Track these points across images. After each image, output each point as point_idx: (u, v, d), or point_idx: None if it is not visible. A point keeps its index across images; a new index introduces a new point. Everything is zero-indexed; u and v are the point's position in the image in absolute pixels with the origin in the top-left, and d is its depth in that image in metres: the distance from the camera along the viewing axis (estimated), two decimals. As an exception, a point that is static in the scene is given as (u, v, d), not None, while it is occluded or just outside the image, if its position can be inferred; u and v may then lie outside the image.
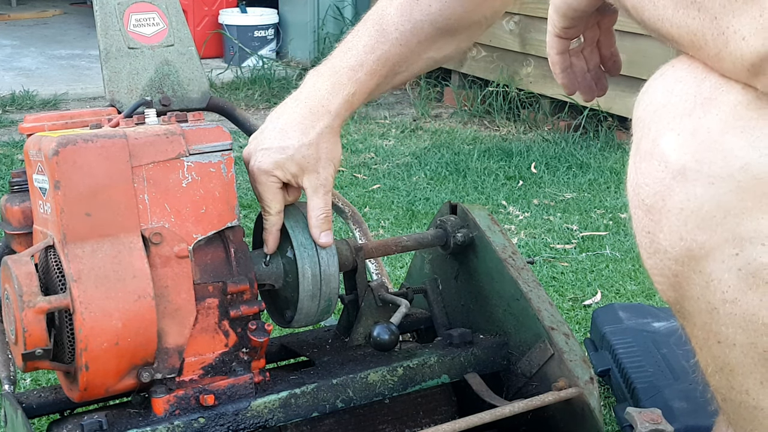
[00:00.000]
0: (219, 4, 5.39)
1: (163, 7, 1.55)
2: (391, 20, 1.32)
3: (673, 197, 0.88)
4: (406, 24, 1.31)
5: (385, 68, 1.31)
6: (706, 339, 0.94)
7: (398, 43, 1.31)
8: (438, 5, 1.32)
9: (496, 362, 1.35)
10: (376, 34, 1.31)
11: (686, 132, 0.87)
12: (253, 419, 1.18)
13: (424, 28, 1.32)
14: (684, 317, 0.96)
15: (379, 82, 1.32)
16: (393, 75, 1.33)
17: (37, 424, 1.49)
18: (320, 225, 1.24)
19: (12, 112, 4.18)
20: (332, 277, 1.25)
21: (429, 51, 1.35)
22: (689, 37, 0.87)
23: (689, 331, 0.97)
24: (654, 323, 1.75)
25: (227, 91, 4.60)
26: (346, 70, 1.29)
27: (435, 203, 2.86)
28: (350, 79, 1.29)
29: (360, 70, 1.29)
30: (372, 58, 1.30)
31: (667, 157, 0.88)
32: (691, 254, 0.89)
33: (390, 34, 1.31)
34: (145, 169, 1.12)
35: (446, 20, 1.33)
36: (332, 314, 1.31)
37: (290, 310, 1.27)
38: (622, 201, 2.93)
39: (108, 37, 1.50)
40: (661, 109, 0.90)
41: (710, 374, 0.98)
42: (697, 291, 0.91)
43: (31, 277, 1.07)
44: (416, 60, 1.35)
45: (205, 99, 1.58)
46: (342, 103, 1.27)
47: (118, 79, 1.50)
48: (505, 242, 1.37)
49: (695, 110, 0.87)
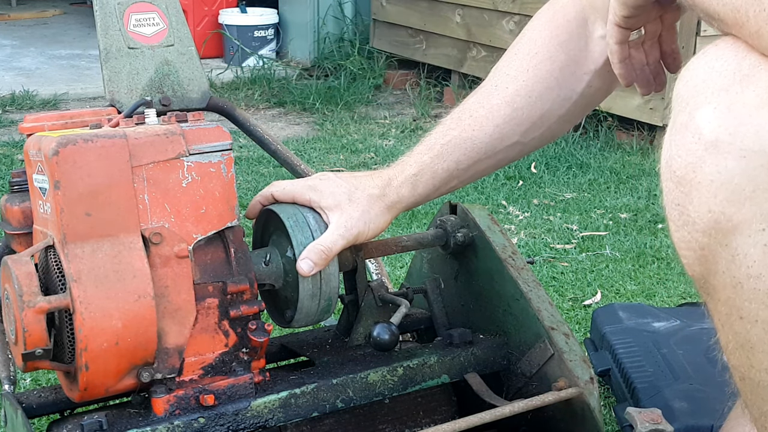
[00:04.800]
0: (219, 4, 5.38)
1: (163, 7, 1.55)
2: (467, 107, 1.33)
3: (704, 169, 0.89)
4: (480, 110, 1.31)
5: (456, 153, 1.29)
6: (728, 315, 0.95)
7: (470, 128, 1.30)
8: (515, 86, 1.30)
9: (496, 362, 1.35)
10: (449, 122, 1.32)
11: (722, 106, 0.89)
12: (253, 419, 1.18)
13: (502, 111, 1.30)
14: (708, 293, 0.97)
15: (450, 167, 1.30)
16: (470, 161, 1.30)
17: (37, 424, 1.49)
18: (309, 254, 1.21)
19: (12, 112, 4.18)
20: (332, 277, 1.25)
21: (512, 137, 1.31)
22: (733, 15, 0.89)
23: (712, 308, 0.98)
24: (654, 323, 1.75)
25: (227, 91, 4.60)
26: (414, 153, 1.31)
27: (435, 203, 2.85)
28: (416, 162, 1.30)
29: (426, 154, 1.30)
30: (440, 142, 1.30)
31: (702, 129, 0.89)
32: (719, 227, 0.90)
33: (463, 120, 1.31)
34: (145, 169, 1.12)
35: (526, 101, 1.30)
36: (332, 314, 1.31)
37: (290, 310, 1.27)
38: (622, 201, 2.93)
39: (108, 37, 1.50)
40: (701, 84, 0.91)
41: (730, 351, 0.98)
42: (723, 265, 0.92)
43: (31, 277, 1.07)
44: (497, 145, 1.31)
45: (205, 99, 1.58)
46: (403, 182, 1.28)
47: (118, 79, 1.50)
48: (505, 242, 1.37)
49: (733, 86, 0.89)
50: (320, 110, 4.26)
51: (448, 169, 1.30)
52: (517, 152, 1.34)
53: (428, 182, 1.30)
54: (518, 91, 1.30)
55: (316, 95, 4.38)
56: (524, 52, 1.32)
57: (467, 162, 1.31)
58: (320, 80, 4.74)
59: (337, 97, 4.38)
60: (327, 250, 1.22)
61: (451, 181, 1.32)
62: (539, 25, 1.33)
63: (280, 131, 4.00)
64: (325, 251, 1.21)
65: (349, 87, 4.56)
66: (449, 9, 4.41)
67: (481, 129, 1.30)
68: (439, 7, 4.49)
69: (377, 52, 4.90)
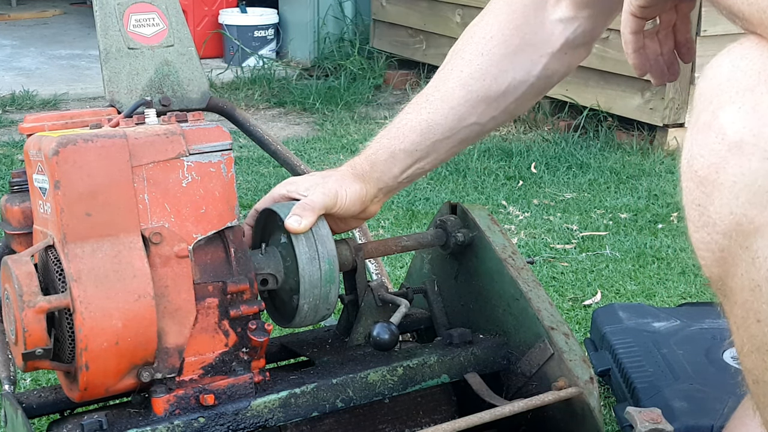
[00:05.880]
0: (219, 4, 5.38)
1: (163, 8, 1.55)
2: (425, 91, 1.37)
3: (727, 170, 0.88)
4: (435, 93, 1.35)
5: (412, 135, 1.34)
6: (745, 318, 0.94)
7: (426, 111, 1.34)
8: (469, 69, 1.33)
9: (496, 362, 1.35)
10: (408, 107, 1.37)
11: (747, 106, 0.88)
12: (253, 419, 1.18)
13: (456, 94, 1.33)
14: (724, 294, 0.96)
15: (408, 148, 1.34)
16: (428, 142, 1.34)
17: (37, 424, 1.49)
18: (294, 211, 1.24)
19: (12, 112, 4.18)
20: (326, 239, 1.25)
21: (469, 117, 1.34)
22: (759, 15, 0.88)
23: (728, 310, 0.97)
24: (654, 323, 1.75)
25: (227, 91, 4.60)
26: (374, 139, 1.37)
27: (435, 203, 2.86)
28: (375, 143, 1.36)
29: (385, 136, 1.36)
30: (397, 125, 1.36)
31: (725, 129, 0.88)
32: (740, 229, 0.89)
33: (419, 104, 1.35)
34: (145, 169, 1.12)
35: (480, 84, 1.33)
36: (332, 314, 1.31)
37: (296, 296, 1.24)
38: (622, 201, 2.93)
39: (108, 37, 1.51)
40: (725, 83, 0.90)
41: (745, 354, 0.97)
42: (742, 267, 0.91)
43: (31, 277, 1.07)
44: (454, 126, 1.34)
45: (205, 99, 1.58)
46: (363, 160, 1.35)
47: (118, 80, 1.50)
48: (505, 242, 1.37)
49: (758, 86, 0.88)
50: (320, 110, 4.26)
51: (407, 150, 1.34)
52: (475, 133, 1.37)
53: (388, 161, 1.34)
54: (473, 74, 1.33)
55: (316, 95, 4.38)
56: (480, 35, 1.35)
57: (425, 143, 1.34)
58: (320, 80, 4.74)
59: (337, 97, 4.38)
60: (310, 202, 1.25)
61: (416, 162, 1.35)
62: (496, 9, 1.35)
63: (280, 131, 4.00)
64: (308, 203, 1.25)
65: (349, 87, 4.56)
66: (449, 9, 4.41)
67: (436, 111, 1.34)
68: (439, 7, 4.49)
69: (377, 52, 4.90)
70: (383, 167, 1.34)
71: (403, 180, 1.37)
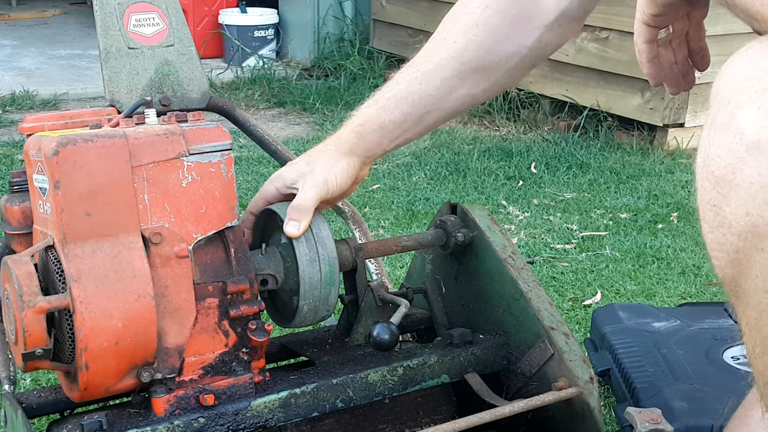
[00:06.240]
0: (219, 4, 5.38)
1: (163, 7, 1.55)
2: (416, 60, 1.36)
3: (744, 170, 0.87)
4: (427, 63, 1.34)
5: (403, 105, 1.33)
6: (757, 319, 0.93)
7: (417, 82, 1.33)
8: (464, 40, 1.32)
9: (496, 362, 1.35)
10: (398, 76, 1.36)
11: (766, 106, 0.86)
12: (253, 419, 1.18)
13: (449, 65, 1.32)
14: (737, 296, 0.95)
15: (397, 119, 1.33)
16: (418, 113, 1.34)
17: (37, 424, 1.49)
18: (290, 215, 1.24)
19: (12, 112, 4.18)
20: (326, 240, 1.25)
21: (460, 88, 1.34)
22: None
23: (740, 311, 0.96)
24: (654, 323, 1.75)
25: (227, 91, 4.60)
26: (362, 107, 1.36)
27: (435, 203, 2.86)
28: (362, 114, 1.35)
29: (373, 106, 1.35)
30: (386, 96, 1.35)
31: (744, 129, 0.87)
32: (756, 230, 0.88)
33: (410, 74, 1.34)
34: (145, 169, 1.12)
35: (474, 54, 1.32)
36: (332, 314, 1.31)
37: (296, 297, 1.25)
38: (622, 201, 2.93)
39: (108, 37, 1.51)
40: (744, 82, 0.89)
41: (756, 356, 0.96)
42: (757, 269, 0.90)
43: (31, 277, 1.07)
44: (445, 98, 1.34)
45: (205, 99, 1.58)
46: (349, 132, 1.34)
47: (118, 79, 1.50)
48: (505, 242, 1.37)
49: None
50: (320, 110, 4.26)
51: (396, 120, 1.34)
52: (467, 104, 1.37)
53: (376, 132, 1.34)
54: (467, 46, 1.32)
55: (316, 95, 4.38)
56: (474, 5, 1.34)
57: (416, 114, 1.34)
58: (320, 80, 4.74)
59: (337, 97, 4.38)
60: (303, 202, 1.25)
61: (404, 132, 1.35)
62: None
63: (280, 131, 4.00)
64: (301, 204, 1.25)
65: (350, 87, 4.56)
66: (449, 9, 4.41)
67: (428, 82, 1.33)
68: (439, 7, 4.49)
69: (377, 52, 4.90)
70: (371, 137, 1.34)
71: (390, 148, 1.37)
